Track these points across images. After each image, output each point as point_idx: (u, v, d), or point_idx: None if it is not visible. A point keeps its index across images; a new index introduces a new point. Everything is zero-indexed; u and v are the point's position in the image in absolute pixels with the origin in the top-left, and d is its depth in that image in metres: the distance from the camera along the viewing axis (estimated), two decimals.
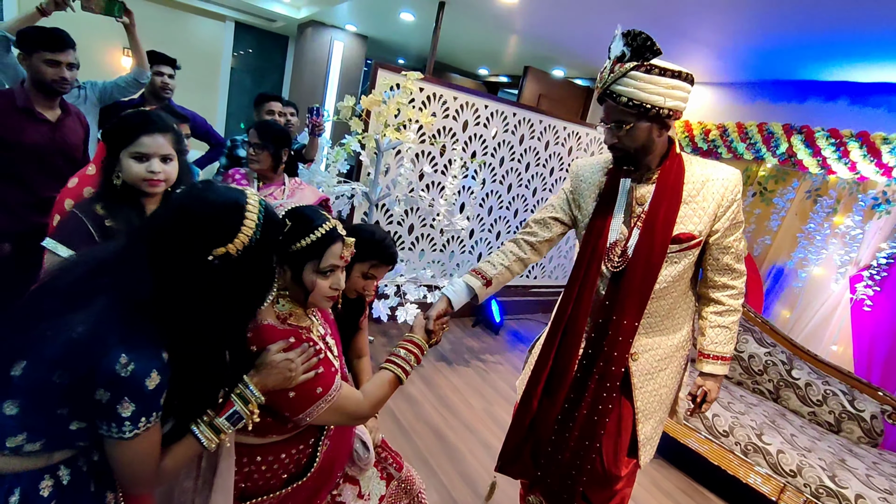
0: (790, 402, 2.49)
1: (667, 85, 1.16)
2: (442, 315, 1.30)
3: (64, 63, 1.86)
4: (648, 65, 1.14)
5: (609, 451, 1.44)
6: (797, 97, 3.34)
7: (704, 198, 1.30)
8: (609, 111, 1.23)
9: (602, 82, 1.21)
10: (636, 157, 1.28)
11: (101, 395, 0.71)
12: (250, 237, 0.79)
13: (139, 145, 1.25)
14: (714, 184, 1.29)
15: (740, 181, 1.30)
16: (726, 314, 1.39)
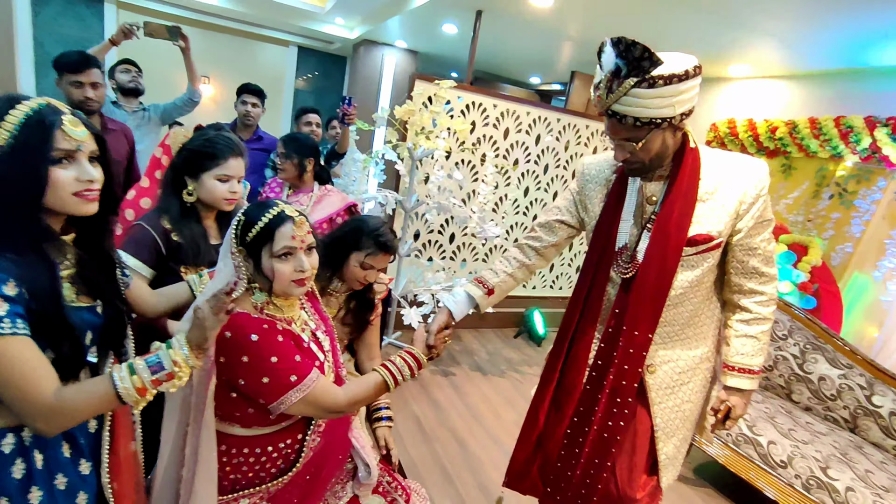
0: (870, 433, 2.14)
1: (675, 92, 1.02)
2: (443, 328, 1.26)
3: (87, 83, 1.96)
4: (651, 78, 0.99)
5: (623, 471, 1.32)
6: (881, 86, 2.94)
7: (724, 194, 1.16)
8: (614, 129, 1.10)
9: (600, 102, 1.07)
10: (651, 166, 1.17)
11: None
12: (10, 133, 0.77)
13: (226, 168, 1.35)
14: (735, 178, 1.15)
15: (767, 174, 1.15)
16: (754, 323, 1.22)
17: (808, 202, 3.19)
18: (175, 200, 1.35)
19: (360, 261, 1.43)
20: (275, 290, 1.08)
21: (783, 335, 2.46)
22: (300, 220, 1.06)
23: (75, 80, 1.95)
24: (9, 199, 0.78)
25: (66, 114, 0.82)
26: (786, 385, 2.44)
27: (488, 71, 6.26)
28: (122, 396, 0.79)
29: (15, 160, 0.77)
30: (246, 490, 1.11)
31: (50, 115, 0.80)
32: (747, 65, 3.50)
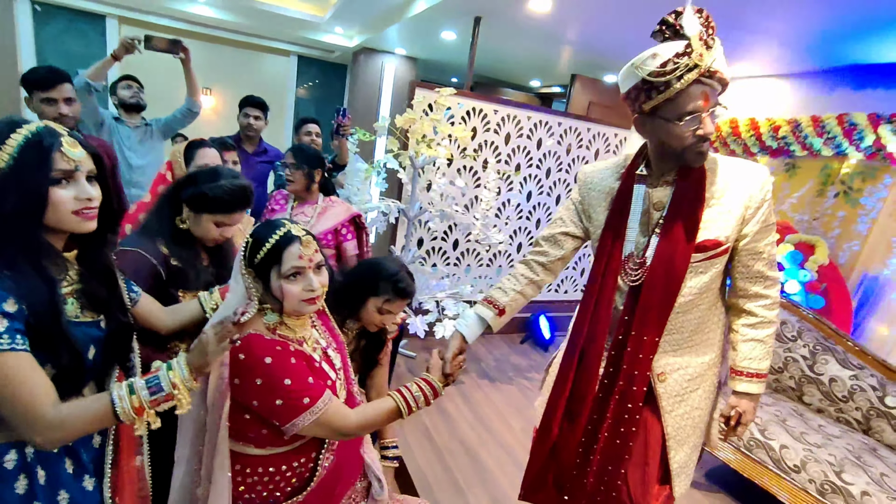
0: (885, 435, 2.12)
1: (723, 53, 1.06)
2: (457, 354, 1.25)
3: (60, 99, 1.89)
4: None
5: (636, 482, 1.31)
6: (885, 82, 2.92)
7: (731, 199, 1.16)
8: (711, 94, 1.05)
9: (701, 63, 1.01)
10: (708, 151, 1.13)
11: None
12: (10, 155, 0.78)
13: (229, 219, 1.34)
14: (740, 183, 1.15)
15: (770, 179, 1.16)
16: (760, 326, 1.23)
17: (814, 201, 3.17)
18: (168, 223, 1.32)
19: (377, 306, 1.42)
20: (286, 311, 1.08)
21: (793, 336, 2.44)
22: (307, 239, 1.06)
23: (46, 96, 1.87)
24: (10, 218, 0.79)
25: (64, 135, 0.84)
26: (796, 387, 2.42)
27: (488, 76, 6.26)
28: (119, 415, 0.81)
29: (16, 181, 0.79)
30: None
31: (48, 138, 0.82)
32: (748, 64, 3.49)
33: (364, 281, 1.44)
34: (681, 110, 1.05)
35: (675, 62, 1.02)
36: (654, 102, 1.08)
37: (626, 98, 1.16)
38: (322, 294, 1.10)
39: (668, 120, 1.08)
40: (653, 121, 1.12)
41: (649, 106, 1.09)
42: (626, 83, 1.13)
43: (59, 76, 1.90)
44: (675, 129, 1.07)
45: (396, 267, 1.47)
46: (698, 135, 1.07)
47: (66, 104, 1.91)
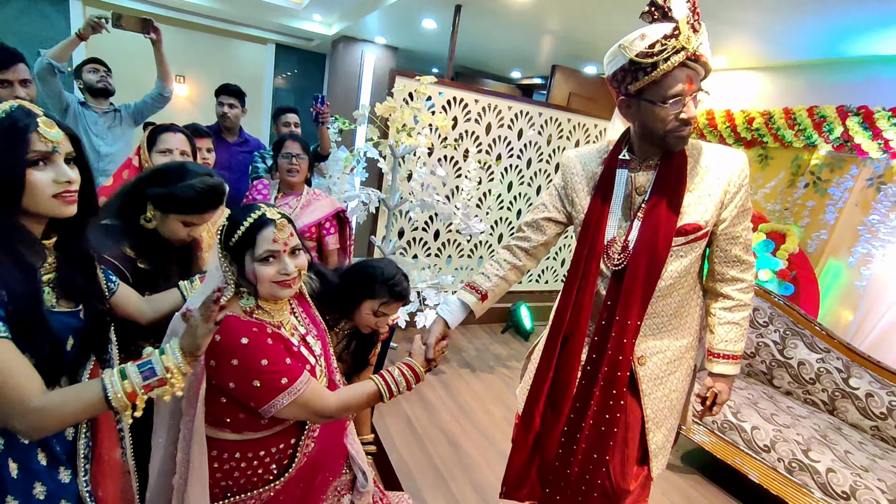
0: (848, 415, 2.21)
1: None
2: (440, 339, 1.25)
3: (15, 81, 1.81)
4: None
5: (616, 464, 1.34)
6: (853, 76, 3.01)
7: (710, 184, 1.18)
8: (696, 77, 1.07)
9: (688, 46, 1.02)
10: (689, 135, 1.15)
11: None
12: None
13: (200, 219, 1.26)
14: (719, 168, 1.17)
15: (747, 165, 1.18)
16: (736, 309, 1.26)
17: (785, 191, 3.26)
18: (133, 224, 1.22)
19: (373, 308, 1.41)
20: (260, 294, 1.06)
21: (764, 322, 2.52)
22: (282, 222, 1.05)
23: (2, 78, 1.79)
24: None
25: (39, 115, 0.81)
26: (767, 371, 2.50)
27: (469, 66, 6.24)
28: (111, 401, 0.79)
29: None
30: (238, 496, 1.10)
31: (23, 118, 0.78)
32: (724, 57, 3.55)
33: (360, 283, 1.43)
34: (665, 93, 1.06)
35: (663, 44, 1.03)
36: (639, 84, 1.08)
37: (611, 80, 1.16)
38: (298, 278, 1.09)
39: (652, 102, 1.09)
40: (638, 103, 1.13)
41: (635, 87, 1.10)
42: (613, 64, 1.13)
43: (12, 56, 1.82)
44: (660, 111, 1.08)
45: (393, 270, 1.46)
46: (681, 118, 1.08)
47: (22, 86, 1.83)
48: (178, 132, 1.54)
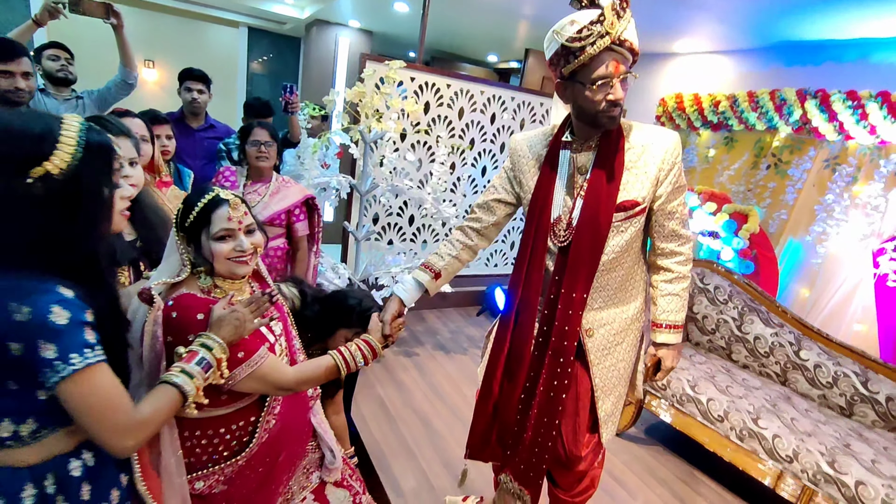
0: (798, 385, 2.32)
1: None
2: (396, 316, 1.30)
3: (18, 73, 1.85)
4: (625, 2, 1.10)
5: (568, 432, 1.42)
6: (812, 60, 3.10)
7: (646, 163, 1.25)
8: (622, 60, 1.14)
9: (612, 31, 1.08)
10: (619, 116, 1.21)
11: (17, 349, 0.70)
12: (72, 154, 0.75)
13: None
14: (654, 148, 1.24)
15: (679, 144, 1.26)
16: (676, 281, 1.34)
17: (748, 173, 3.35)
18: None
19: (347, 336, 1.46)
20: (218, 271, 1.10)
21: (724, 300, 2.62)
22: (235, 202, 1.09)
23: (4, 69, 1.82)
24: (80, 225, 0.78)
25: (110, 131, 0.88)
26: (726, 346, 2.60)
27: (446, 50, 6.20)
28: (188, 398, 0.88)
29: (83, 184, 0.77)
30: (199, 471, 1.12)
31: (103, 135, 0.82)
32: (692, 40, 3.61)
33: (338, 312, 1.50)
34: (593, 75, 1.13)
35: (589, 29, 1.09)
36: (571, 67, 1.15)
37: (550, 64, 1.22)
38: (254, 255, 1.13)
39: (583, 84, 1.15)
40: (572, 85, 1.19)
41: (568, 70, 1.16)
42: (549, 49, 1.20)
43: (19, 49, 1.88)
44: (589, 93, 1.15)
45: (370, 303, 1.54)
46: (609, 100, 1.15)
47: (24, 78, 1.88)
48: (135, 117, 1.54)
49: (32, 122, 0.74)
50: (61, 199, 0.75)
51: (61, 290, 0.73)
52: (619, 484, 2.14)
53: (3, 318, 0.69)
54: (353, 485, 1.48)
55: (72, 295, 0.74)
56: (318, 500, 1.39)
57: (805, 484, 1.83)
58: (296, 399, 1.30)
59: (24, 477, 0.75)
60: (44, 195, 0.73)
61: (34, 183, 0.72)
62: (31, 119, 0.75)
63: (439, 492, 1.93)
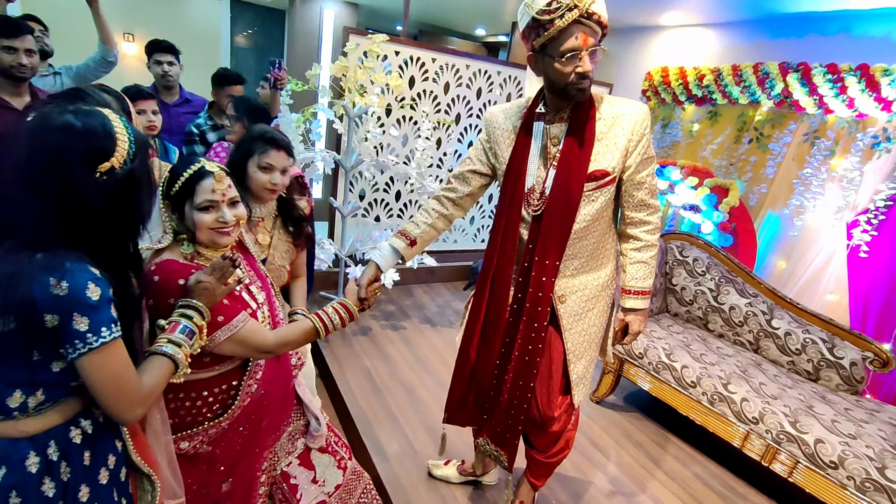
0: (769, 352, 2.42)
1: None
2: (372, 281, 1.35)
3: (21, 49, 1.89)
4: None
5: (543, 395, 1.48)
6: (796, 33, 3.10)
7: (616, 134, 1.28)
8: (591, 34, 1.16)
9: (580, 5, 1.11)
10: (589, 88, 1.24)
11: (52, 321, 0.74)
12: (127, 149, 0.82)
13: None
14: (623, 119, 1.28)
15: (648, 116, 1.29)
16: (644, 249, 1.39)
17: (731, 147, 3.39)
18: None
19: (257, 164, 1.47)
20: (200, 240, 1.13)
21: (702, 271, 2.69)
22: (220, 174, 1.12)
23: (9, 44, 1.87)
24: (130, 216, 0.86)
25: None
26: (703, 316, 2.68)
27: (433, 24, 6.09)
28: (179, 367, 0.94)
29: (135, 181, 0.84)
30: (183, 431, 1.16)
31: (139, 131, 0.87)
32: (678, 13, 3.58)
33: (239, 152, 1.51)
34: (562, 48, 1.15)
35: (558, 2, 1.11)
36: (541, 40, 1.17)
37: (523, 37, 1.25)
38: (237, 227, 1.16)
39: (552, 57, 1.18)
40: (543, 58, 1.22)
41: (538, 43, 1.18)
42: (522, 21, 1.22)
43: (24, 27, 1.93)
44: (559, 65, 1.18)
45: (263, 127, 1.56)
46: (577, 72, 1.17)
47: (27, 55, 1.93)
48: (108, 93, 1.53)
49: (90, 118, 0.79)
50: (119, 193, 0.82)
51: (92, 269, 0.78)
52: (595, 447, 2.23)
53: (43, 290, 0.73)
54: (338, 450, 1.54)
55: (100, 273, 0.79)
56: (304, 465, 1.45)
57: (769, 443, 1.93)
58: (279, 366, 1.35)
59: (24, 447, 0.78)
60: (106, 188, 0.80)
61: (100, 176, 0.79)
62: (87, 115, 0.79)
63: (422, 456, 2.01)
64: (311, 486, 1.44)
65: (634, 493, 1.98)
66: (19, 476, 0.76)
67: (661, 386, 2.34)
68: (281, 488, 1.41)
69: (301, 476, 1.43)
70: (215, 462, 1.22)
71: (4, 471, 0.75)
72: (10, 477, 0.75)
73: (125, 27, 5.33)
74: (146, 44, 2.67)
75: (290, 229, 1.65)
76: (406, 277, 3.66)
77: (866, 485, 1.68)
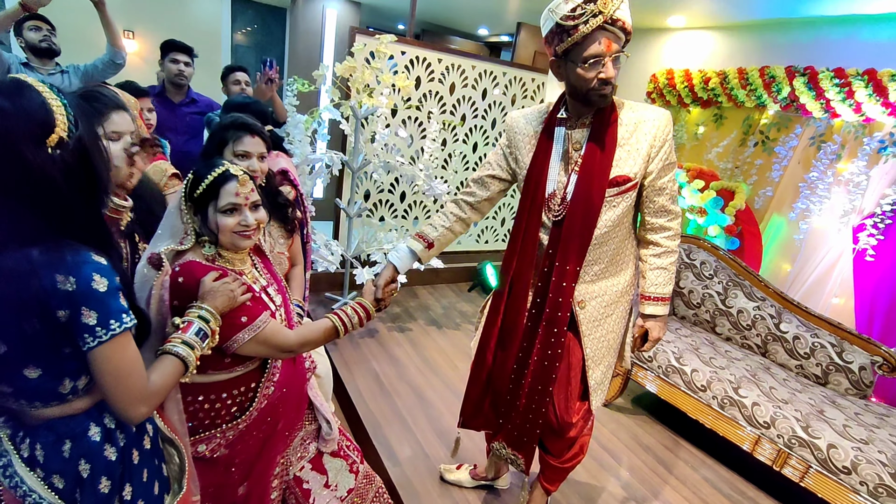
0: (778, 356, 2.42)
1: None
2: (389, 282, 1.36)
3: None
4: None
5: (560, 400, 1.48)
6: (803, 36, 3.11)
7: (638, 140, 1.28)
8: (615, 39, 1.16)
9: (605, 10, 1.11)
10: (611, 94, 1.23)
11: (63, 315, 0.74)
12: (65, 115, 0.76)
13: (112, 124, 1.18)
14: (646, 125, 1.28)
15: (671, 121, 1.29)
16: (664, 255, 1.39)
17: (737, 150, 3.39)
18: None
19: (233, 153, 1.46)
20: (221, 243, 1.14)
21: (709, 275, 2.69)
22: (244, 178, 1.13)
23: None
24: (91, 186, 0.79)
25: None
26: (711, 319, 2.69)
27: (436, 23, 6.07)
28: (189, 367, 0.94)
29: (87, 148, 0.78)
30: (201, 433, 1.16)
31: (68, 94, 0.82)
32: (684, 16, 3.59)
33: (213, 141, 1.50)
34: (585, 54, 1.15)
35: (583, 8, 1.11)
36: (565, 45, 1.17)
37: (545, 41, 1.25)
38: (257, 230, 1.17)
39: (575, 63, 1.18)
40: (565, 63, 1.22)
41: (562, 49, 1.18)
42: (545, 27, 1.22)
43: None
44: (581, 71, 1.18)
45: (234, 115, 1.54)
46: (600, 78, 1.17)
47: None
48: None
49: (18, 96, 0.73)
50: (76, 162, 0.77)
51: (95, 258, 0.77)
52: (605, 451, 2.23)
53: (52, 288, 0.72)
54: (350, 454, 1.53)
55: (105, 262, 0.78)
56: (316, 469, 1.45)
57: (780, 448, 1.93)
58: (294, 369, 1.34)
59: (83, 420, 0.82)
60: (64, 161, 0.75)
61: (53, 152, 0.74)
62: (14, 94, 0.72)
63: (434, 460, 2.00)
64: (324, 490, 1.44)
65: (646, 497, 1.98)
66: (86, 446, 0.81)
67: (670, 389, 2.34)
68: (294, 493, 1.41)
69: (313, 481, 1.43)
70: (232, 465, 1.22)
71: (70, 444, 0.80)
72: (77, 448, 0.80)
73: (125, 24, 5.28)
74: (161, 43, 2.66)
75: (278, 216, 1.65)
76: (411, 279, 3.65)
77: (879, 490, 1.68)
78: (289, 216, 1.71)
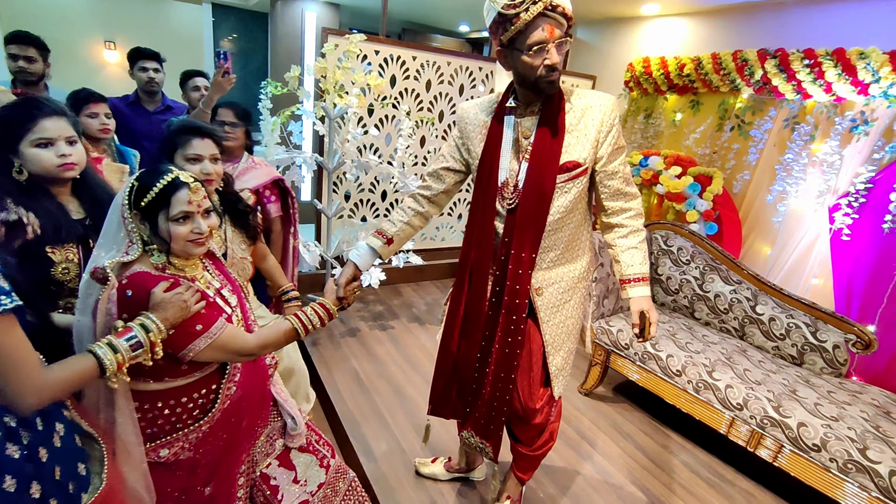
0: (755, 338, 2.42)
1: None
2: (351, 281, 1.35)
3: None
4: None
5: (524, 387, 1.49)
6: (774, 19, 3.11)
7: (586, 125, 1.29)
8: (557, 26, 1.16)
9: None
10: (558, 80, 1.24)
11: None
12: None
13: (41, 131, 1.19)
14: (593, 111, 1.28)
15: (616, 107, 1.30)
16: (631, 235, 1.39)
17: (713, 135, 3.39)
18: (6, 181, 1.19)
19: (184, 157, 1.47)
20: (173, 251, 1.12)
21: (686, 260, 2.69)
22: (195, 185, 1.11)
23: None
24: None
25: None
26: (689, 305, 2.69)
27: (416, 21, 6.08)
28: (106, 370, 0.91)
29: None
30: (163, 438, 1.16)
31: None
32: (658, 4, 3.59)
33: (164, 148, 1.51)
34: (529, 41, 1.15)
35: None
36: (509, 34, 1.17)
37: (490, 32, 1.25)
38: (210, 236, 1.16)
39: (521, 51, 1.18)
40: (511, 52, 1.22)
41: (506, 38, 1.19)
42: (489, 17, 1.22)
43: None
44: (527, 59, 1.18)
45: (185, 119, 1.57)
46: (546, 64, 1.18)
47: None
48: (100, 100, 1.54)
49: None
50: None
51: None
52: (583, 439, 2.24)
53: None
54: (320, 449, 1.54)
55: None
56: (284, 465, 1.45)
57: (754, 429, 1.94)
58: (255, 368, 1.34)
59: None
60: None
61: None
62: None
63: (410, 454, 2.00)
64: (293, 486, 1.44)
65: (622, 484, 1.98)
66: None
67: (647, 376, 2.35)
68: (261, 490, 1.41)
69: (281, 477, 1.43)
70: (196, 467, 1.21)
71: None
72: None
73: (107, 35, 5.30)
74: (129, 51, 2.66)
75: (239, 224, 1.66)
76: (394, 277, 3.65)
77: (849, 466, 1.69)
78: (250, 223, 1.70)
